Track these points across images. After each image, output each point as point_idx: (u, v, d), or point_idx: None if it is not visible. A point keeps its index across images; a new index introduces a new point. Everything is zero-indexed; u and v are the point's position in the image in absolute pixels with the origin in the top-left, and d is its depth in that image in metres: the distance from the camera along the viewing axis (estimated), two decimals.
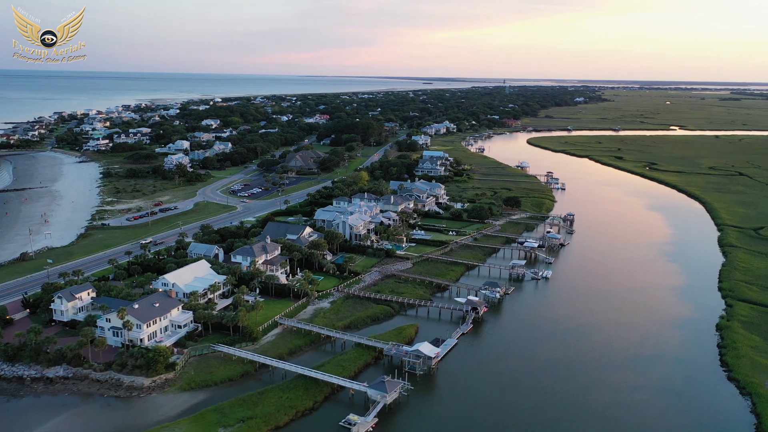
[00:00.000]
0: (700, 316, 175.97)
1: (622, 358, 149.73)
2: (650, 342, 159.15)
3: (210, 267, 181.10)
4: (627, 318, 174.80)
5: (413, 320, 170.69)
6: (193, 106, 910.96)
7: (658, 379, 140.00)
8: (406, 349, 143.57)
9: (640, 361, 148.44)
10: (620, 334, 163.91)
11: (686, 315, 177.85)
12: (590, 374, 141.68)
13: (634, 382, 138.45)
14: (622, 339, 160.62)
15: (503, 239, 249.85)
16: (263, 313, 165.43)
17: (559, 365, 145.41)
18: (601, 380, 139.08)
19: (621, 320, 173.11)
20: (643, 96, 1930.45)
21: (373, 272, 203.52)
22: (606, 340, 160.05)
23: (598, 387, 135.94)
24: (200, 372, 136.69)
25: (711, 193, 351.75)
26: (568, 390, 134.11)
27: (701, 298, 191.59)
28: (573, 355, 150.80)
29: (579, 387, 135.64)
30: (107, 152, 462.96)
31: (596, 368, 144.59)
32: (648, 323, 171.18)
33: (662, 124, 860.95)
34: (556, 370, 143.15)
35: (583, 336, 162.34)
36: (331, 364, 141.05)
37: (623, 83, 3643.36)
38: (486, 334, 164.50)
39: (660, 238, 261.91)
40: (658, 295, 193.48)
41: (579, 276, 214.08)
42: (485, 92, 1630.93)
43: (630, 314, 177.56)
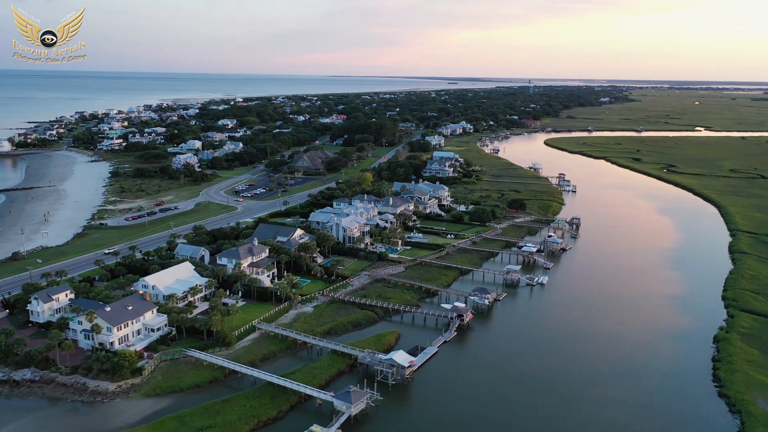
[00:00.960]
0: (698, 327, 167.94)
1: (609, 371, 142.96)
2: (641, 354, 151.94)
3: (194, 269, 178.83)
4: (620, 328, 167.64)
5: (397, 327, 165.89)
6: (213, 106, 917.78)
7: (644, 393, 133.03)
8: (380, 358, 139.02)
9: (628, 374, 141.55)
10: (610, 344, 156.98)
11: (683, 325, 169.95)
12: (572, 387, 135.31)
13: (619, 396, 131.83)
14: (611, 350, 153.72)
15: (503, 243, 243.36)
16: (242, 317, 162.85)
17: (541, 377, 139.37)
18: (583, 394, 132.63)
19: (613, 330, 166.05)
20: (672, 96, 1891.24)
21: (363, 276, 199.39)
22: (594, 351, 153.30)
23: (579, 401, 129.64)
24: (168, 377, 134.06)
25: (728, 196, 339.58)
26: (546, 404, 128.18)
27: (702, 307, 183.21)
28: (557, 367, 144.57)
29: (558, 400, 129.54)
30: (120, 152, 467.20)
31: (580, 381, 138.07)
32: (641, 334, 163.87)
33: (687, 125, 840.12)
34: (537, 382, 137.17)
35: (571, 346, 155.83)
36: (302, 371, 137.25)
37: (653, 83, 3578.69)
38: (470, 343, 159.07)
39: (668, 244, 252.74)
40: (657, 304, 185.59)
41: (576, 282, 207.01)
42: (509, 92, 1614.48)
43: (624, 324, 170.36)
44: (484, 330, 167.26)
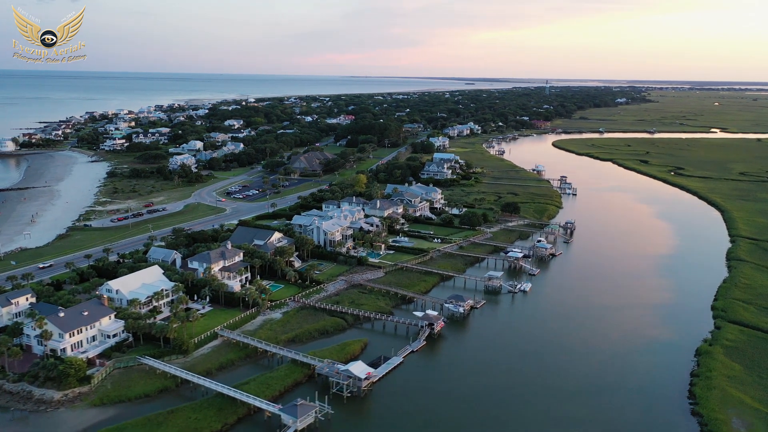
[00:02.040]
0: (680, 339, 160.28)
1: (578, 387, 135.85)
2: (615, 368, 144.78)
3: (162, 273, 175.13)
4: (598, 340, 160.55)
5: (366, 335, 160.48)
6: (224, 106, 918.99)
7: (611, 410, 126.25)
8: (338, 368, 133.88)
9: (597, 391, 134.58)
10: (584, 358, 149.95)
11: (666, 337, 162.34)
12: (534, 405, 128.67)
13: (582, 414, 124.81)
14: (583, 364, 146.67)
15: (491, 248, 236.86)
16: (205, 323, 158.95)
17: (505, 393, 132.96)
18: (545, 412, 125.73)
19: (590, 342, 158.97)
20: (692, 97, 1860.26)
21: (339, 281, 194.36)
22: (566, 365, 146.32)
23: (539, 421, 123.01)
24: (118, 386, 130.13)
25: (734, 200, 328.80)
26: (504, 423, 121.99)
27: (689, 317, 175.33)
28: (524, 382, 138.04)
29: (517, 419, 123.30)
30: (122, 152, 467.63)
31: (544, 398, 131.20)
32: (619, 346, 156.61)
33: (703, 126, 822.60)
34: (499, 399, 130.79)
35: (542, 359, 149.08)
36: (257, 381, 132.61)
37: (674, 84, 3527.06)
38: (438, 353, 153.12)
39: (663, 250, 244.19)
40: (641, 314, 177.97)
41: (560, 290, 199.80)
42: (524, 93, 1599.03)
43: (602, 335, 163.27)
44: (456, 340, 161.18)
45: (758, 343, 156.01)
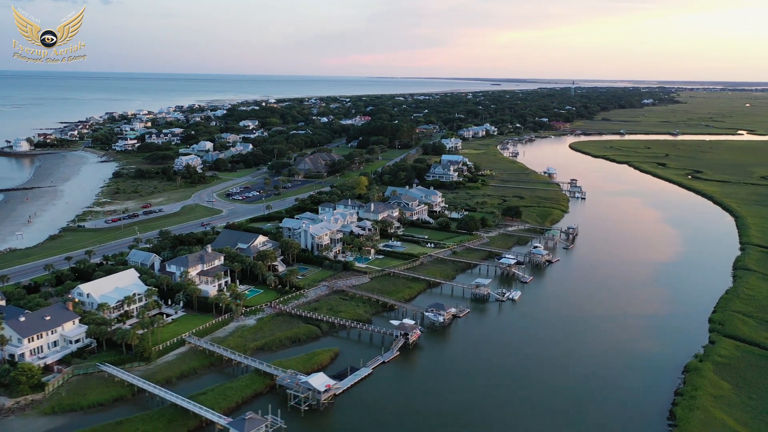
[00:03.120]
0: (671, 354, 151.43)
1: (555, 403, 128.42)
2: (596, 383, 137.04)
3: (138, 277, 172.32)
4: (583, 352, 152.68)
5: (339, 344, 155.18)
6: (243, 107, 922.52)
7: (587, 430, 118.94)
8: (299, 379, 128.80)
9: (575, 407, 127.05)
10: (566, 372, 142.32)
11: (656, 351, 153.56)
12: (507, 422, 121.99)
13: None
14: (565, 378, 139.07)
15: (485, 254, 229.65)
16: (175, 329, 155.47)
17: (475, 410, 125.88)
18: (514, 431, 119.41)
19: (575, 354, 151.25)
20: (722, 98, 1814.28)
21: (321, 287, 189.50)
22: (546, 379, 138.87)
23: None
24: (73, 394, 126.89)
25: (750, 206, 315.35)
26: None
27: (684, 330, 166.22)
28: (499, 397, 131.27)
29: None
30: (132, 152, 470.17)
31: (517, 415, 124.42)
32: (605, 360, 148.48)
33: (730, 128, 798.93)
34: (470, 416, 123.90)
35: (521, 373, 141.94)
36: (216, 391, 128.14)
37: (706, 84, 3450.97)
38: (411, 365, 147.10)
39: (667, 258, 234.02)
40: (633, 326, 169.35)
41: (552, 299, 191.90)
42: (548, 93, 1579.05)
43: (589, 348, 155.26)
44: (432, 350, 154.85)
45: (753, 359, 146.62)
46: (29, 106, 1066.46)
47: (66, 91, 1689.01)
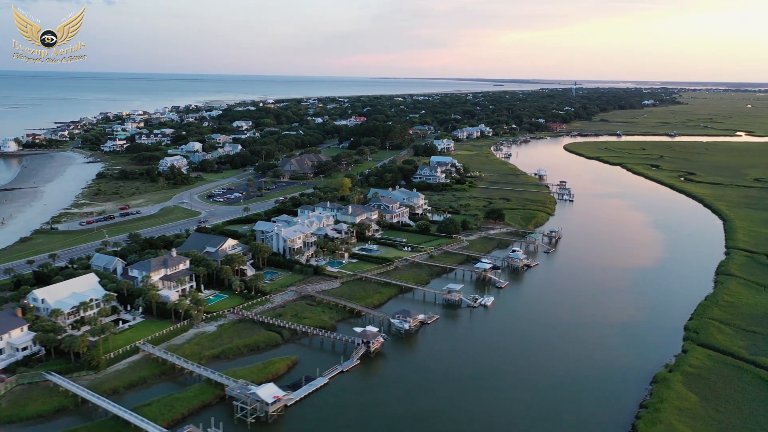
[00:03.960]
0: (641, 363, 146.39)
1: (508, 419, 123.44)
2: (559, 396, 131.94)
3: (98, 282, 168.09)
4: (549, 363, 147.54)
5: (299, 352, 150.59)
6: (240, 107, 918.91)
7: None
8: (248, 390, 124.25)
9: (534, 423, 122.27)
10: (528, 384, 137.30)
11: (626, 361, 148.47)
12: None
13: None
14: (525, 391, 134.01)
15: (463, 257, 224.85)
16: (130, 336, 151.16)
17: (428, 424, 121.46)
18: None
19: (539, 366, 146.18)
20: (725, 99, 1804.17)
21: (289, 292, 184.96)
22: (505, 391, 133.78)
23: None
24: (14, 404, 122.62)
25: (740, 209, 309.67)
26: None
27: (657, 339, 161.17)
28: (453, 411, 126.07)
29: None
30: (121, 153, 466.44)
31: (468, 430, 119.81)
32: (571, 371, 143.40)
33: (728, 129, 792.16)
34: (422, 430, 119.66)
35: (480, 386, 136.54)
36: (161, 402, 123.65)
37: (709, 85, 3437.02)
38: (370, 375, 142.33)
39: (650, 263, 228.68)
40: (606, 335, 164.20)
41: (525, 305, 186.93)
42: (548, 94, 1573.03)
43: (556, 358, 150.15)
44: (395, 359, 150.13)
45: (725, 370, 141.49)
46: (27, 106, 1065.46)
47: (67, 91, 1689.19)
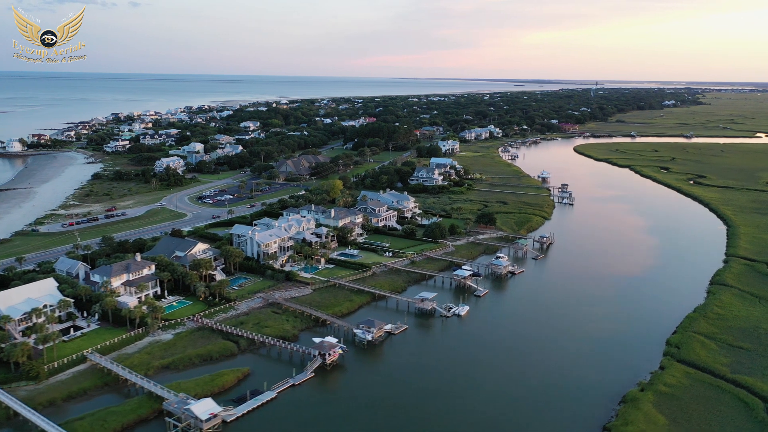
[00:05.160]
0: (613, 381, 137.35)
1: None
2: (518, 417, 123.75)
3: (57, 287, 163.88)
4: (517, 379, 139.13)
5: (255, 363, 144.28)
6: (252, 108, 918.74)
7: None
8: (186, 405, 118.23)
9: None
10: (490, 402, 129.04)
11: (596, 378, 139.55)
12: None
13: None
14: (488, 409, 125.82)
15: (446, 263, 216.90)
16: (79, 345, 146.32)
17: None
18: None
19: (506, 382, 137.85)
20: (750, 99, 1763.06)
21: (256, 299, 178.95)
22: (464, 411, 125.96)
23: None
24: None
25: (746, 214, 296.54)
26: None
27: (636, 353, 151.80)
28: (402, 429, 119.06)
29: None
30: (123, 153, 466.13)
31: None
32: (538, 388, 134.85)
33: (749, 130, 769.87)
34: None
35: (442, 400, 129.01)
36: (94, 417, 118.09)
37: (735, 85, 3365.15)
38: (324, 389, 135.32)
39: (643, 271, 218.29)
40: (583, 349, 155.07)
41: (501, 316, 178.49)
42: (567, 95, 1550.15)
43: (525, 374, 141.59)
44: (353, 372, 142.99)
45: (701, 389, 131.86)
46: (44, 106, 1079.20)
47: (87, 92, 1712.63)
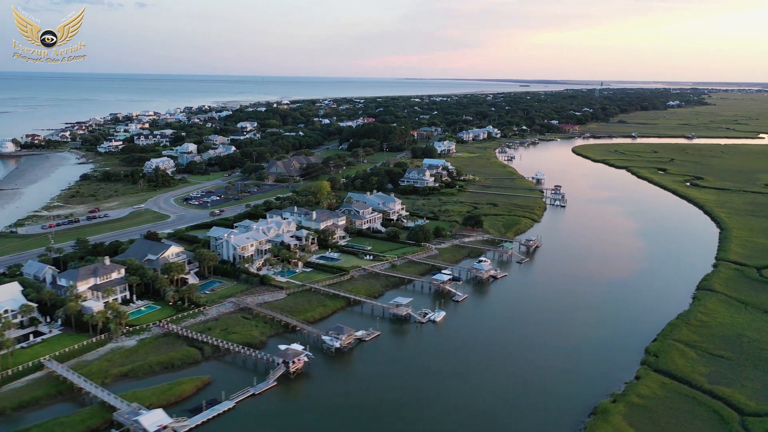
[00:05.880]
0: (584, 392, 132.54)
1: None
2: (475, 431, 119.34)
3: (20, 291, 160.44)
4: (485, 389, 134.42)
5: (217, 371, 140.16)
6: (252, 108, 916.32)
7: None
8: (137, 416, 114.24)
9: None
10: (452, 414, 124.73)
11: (568, 388, 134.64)
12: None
13: None
14: (450, 422, 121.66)
15: (427, 267, 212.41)
16: (38, 351, 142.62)
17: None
18: None
19: (474, 392, 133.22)
20: (756, 99, 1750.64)
21: (227, 303, 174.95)
22: (427, 421, 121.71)
23: None
24: None
25: (741, 217, 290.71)
26: None
27: (611, 362, 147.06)
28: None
29: None
30: (116, 153, 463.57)
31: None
32: (505, 399, 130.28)
33: (752, 131, 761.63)
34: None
35: (396, 412, 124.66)
36: (41, 428, 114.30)
37: (742, 85, 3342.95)
38: (285, 398, 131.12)
39: (629, 276, 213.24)
40: (557, 356, 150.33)
41: (477, 321, 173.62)
42: (571, 95, 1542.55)
43: (495, 384, 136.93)
44: (317, 381, 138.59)
45: (676, 401, 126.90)
46: (45, 107, 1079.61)
47: (91, 92, 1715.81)
